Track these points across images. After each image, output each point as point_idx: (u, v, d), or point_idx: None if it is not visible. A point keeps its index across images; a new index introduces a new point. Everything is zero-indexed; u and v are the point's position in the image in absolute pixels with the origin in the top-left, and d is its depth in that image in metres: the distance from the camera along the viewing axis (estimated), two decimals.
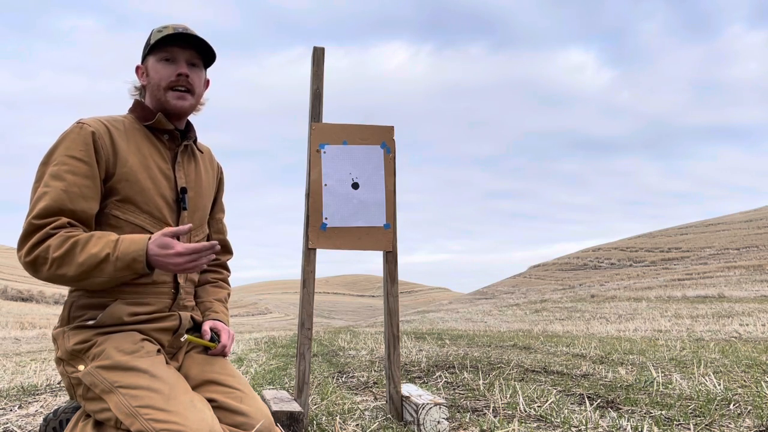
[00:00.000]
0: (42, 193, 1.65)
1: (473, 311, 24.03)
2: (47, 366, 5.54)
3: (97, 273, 1.60)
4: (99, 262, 1.59)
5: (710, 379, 3.21)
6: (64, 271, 1.59)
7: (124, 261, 1.60)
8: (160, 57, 1.83)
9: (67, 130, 1.74)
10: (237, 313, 65.40)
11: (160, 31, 1.83)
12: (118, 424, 1.55)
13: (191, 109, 1.89)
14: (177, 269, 1.62)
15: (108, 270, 1.60)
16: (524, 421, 2.44)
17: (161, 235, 1.62)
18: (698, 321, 10.44)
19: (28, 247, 1.61)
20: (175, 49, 1.82)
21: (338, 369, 4.56)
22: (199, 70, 1.88)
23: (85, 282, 1.63)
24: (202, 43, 1.83)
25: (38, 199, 1.65)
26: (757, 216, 57.54)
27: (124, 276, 1.63)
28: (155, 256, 1.61)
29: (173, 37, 1.80)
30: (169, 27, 1.83)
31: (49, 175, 1.67)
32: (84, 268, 1.59)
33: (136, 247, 1.61)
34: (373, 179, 2.54)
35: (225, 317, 2.04)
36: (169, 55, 1.82)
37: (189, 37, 1.81)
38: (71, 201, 1.65)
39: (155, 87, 1.84)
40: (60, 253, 1.58)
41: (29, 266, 1.62)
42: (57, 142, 1.72)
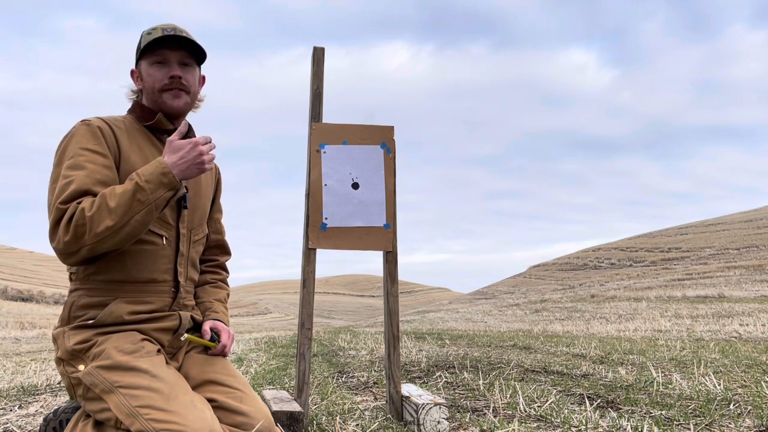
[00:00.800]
0: (65, 183, 1.63)
1: (473, 311, 24.04)
2: (47, 366, 5.54)
3: (136, 206, 1.57)
4: (132, 194, 1.57)
5: (710, 379, 3.21)
6: (105, 223, 1.55)
7: (154, 181, 1.59)
8: (151, 60, 1.83)
9: (73, 128, 1.75)
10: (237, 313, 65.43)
11: (149, 33, 1.83)
12: (118, 424, 1.55)
13: (188, 108, 1.90)
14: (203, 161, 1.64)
15: (143, 197, 1.57)
16: (524, 421, 2.44)
17: (170, 142, 1.65)
18: (698, 321, 10.44)
19: (64, 225, 1.57)
20: (166, 51, 1.82)
21: (338, 369, 4.56)
22: (192, 68, 1.88)
23: (128, 226, 1.58)
24: (191, 43, 1.83)
25: (63, 187, 1.63)
26: (757, 216, 57.55)
27: (163, 197, 1.60)
28: (177, 163, 1.61)
29: (162, 40, 1.80)
30: (157, 29, 1.82)
31: (68, 167, 1.66)
32: (122, 208, 1.56)
33: (154, 164, 1.62)
34: (373, 179, 2.54)
35: (225, 317, 2.04)
36: (161, 57, 1.82)
37: (178, 38, 1.81)
38: (94, 185, 1.64)
39: (150, 90, 1.84)
40: (94, 209, 1.56)
41: (71, 244, 1.57)
42: (66, 141, 1.72)
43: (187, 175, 1.64)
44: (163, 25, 1.84)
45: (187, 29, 1.89)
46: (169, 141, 1.65)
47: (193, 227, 1.92)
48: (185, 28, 1.88)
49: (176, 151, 1.63)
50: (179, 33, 1.82)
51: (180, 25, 1.87)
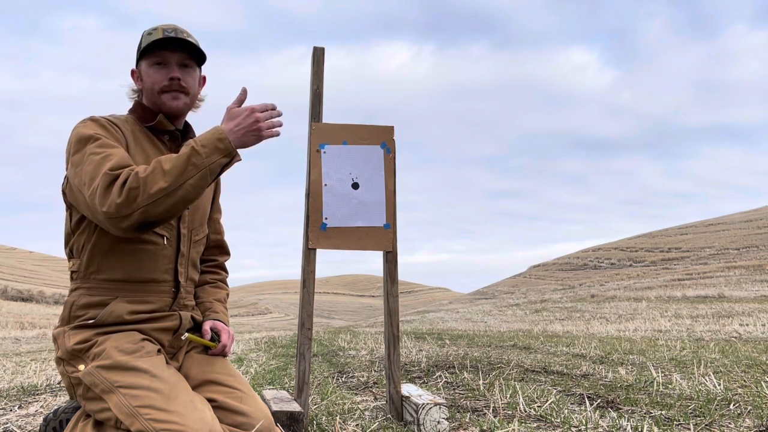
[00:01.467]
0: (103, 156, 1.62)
1: (473, 311, 24.03)
2: (47, 366, 5.54)
3: (190, 170, 1.56)
4: (188, 158, 1.57)
5: (710, 379, 3.21)
6: (158, 185, 1.53)
7: (210, 146, 1.59)
8: (151, 62, 1.83)
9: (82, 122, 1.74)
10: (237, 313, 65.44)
11: (150, 34, 1.82)
12: (118, 424, 1.55)
13: (187, 109, 1.90)
14: (260, 128, 1.63)
15: (198, 161, 1.57)
16: (524, 421, 2.44)
17: (228, 109, 1.65)
18: (698, 321, 10.44)
19: (117, 188, 1.55)
20: (166, 52, 1.82)
21: (338, 369, 4.56)
22: (192, 70, 1.88)
23: (181, 190, 1.56)
24: (191, 44, 1.83)
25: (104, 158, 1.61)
26: (757, 216, 57.55)
27: (217, 162, 1.59)
28: (234, 130, 1.61)
29: (162, 42, 1.80)
30: (158, 29, 1.82)
31: (98, 146, 1.64)
32: (176, 170, 1.55)
33: (212, 131, 1.62)
34: (373, 179, 2.54)
35: (225, 317, 2.04)
36: (160, 59, 1.82)
37: (178, 40, 1.81)
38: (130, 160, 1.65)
39: (149, 91, 1.84)
40: (148, 172, 1.56)
41: (123, 206, 1.54)
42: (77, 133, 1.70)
43: (243, 142, 1.63)
44: (163, 26, 1.84)
45: (188, 29, 1.89)
46: (228, 108, 1.66)
47: (193, 227, 1.92)
48: (186, 29, 1.88)
49: (233, 118, 1.63)
50: (179, 34, 1.82)
51: (181, 26, 1.87)
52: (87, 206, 1.63)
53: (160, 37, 1.79)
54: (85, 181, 1.61)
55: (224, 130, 1.62)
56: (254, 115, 1.63)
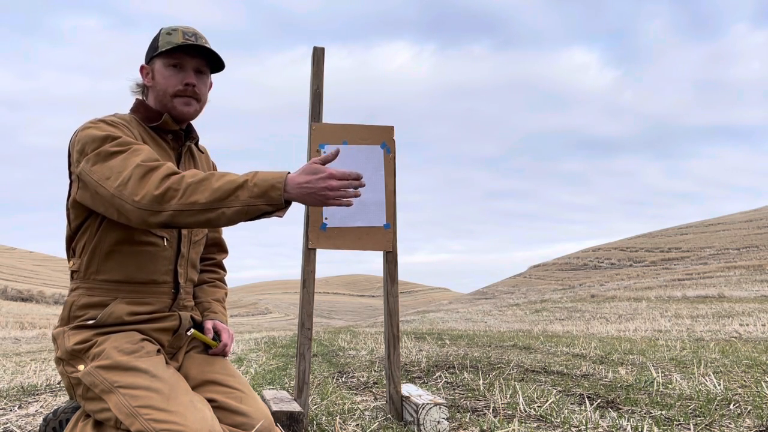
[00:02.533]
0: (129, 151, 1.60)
1: (473, 311, 24.03)
2: (47, 366, 5.54)
3: (231, 200, 1.50)
4: (235, 188, 1.50)
5: (710, 379, 3.20)
6: (196, 197, 1.50)
7: (262, 187, 1.50)
8: (167, 63, 1.81)
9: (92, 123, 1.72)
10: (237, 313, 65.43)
11: (169, 33, 1.81)
12: (118, 424, 1.55)
13: (196, 115, 1.89)
14: (328, 196, 1.52)
15: (243, 196, 1.49)
16: (524, 421, 2.44)
17: (309, 164, 1.54)
18: (698, 321, 10.44)
19: (158, 180, 1.52)
20: (185, 56, 1.81)
21: (338, 369, 4.56)
22: (205, 77, 1.87)
23: (213, 213, 1.51)
24: (212, 53, 1.82)
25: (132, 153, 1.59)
26: (757, 216, 57.54)
27: (258, 206, 1.50)
28: (302, 185, 1.50)
29: (184, 47, 1.79)
30: (178, 31, 1.81)
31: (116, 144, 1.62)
32: (219, 193, 1.49)
33: (275, 175, 1.52)
34: (373, 179, 2.54)
35: (224, 317, 2.04)
36: (177, 61, 1.81)
37: (199, 47, 1.80)
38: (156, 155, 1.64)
39: (161, 93, 1.82)
40: (195, 180, 1.51)
41: (155, 201, 1.51)
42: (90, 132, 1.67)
43: (304, 200, 1.53)
44: (183, 28, 1.82)
45: (199, 31, 1.88)
46: (311, 161, 1.56)
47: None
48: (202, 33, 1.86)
49: (307, 174, 1.52)
50: (199, 40, 1.81)
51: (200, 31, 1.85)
52: (110, 198, 1.57)
53: (180, 41, 1.78)
54: (111, 174, 1.57)
55: (288, 182, 1.51)
56: (329, 182, 1.51)
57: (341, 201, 1.55)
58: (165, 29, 1.84)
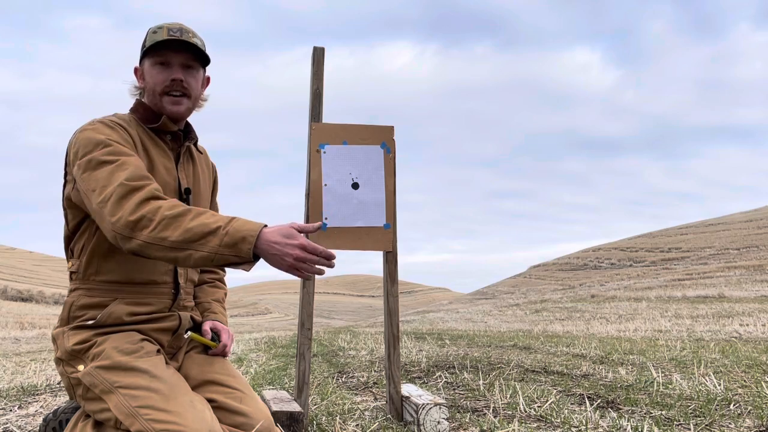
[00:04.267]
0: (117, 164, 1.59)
1: (473, 311, 24.03)
2: (47, 366, 5.54)
3: (200, 244, 1.48)
4: (208, 233, 1.48)
5: (710, 379, 3.20)
6: (167, 234, 1.48)
7: (234, 237, 1.47)
8: (154, 61, 1.81)
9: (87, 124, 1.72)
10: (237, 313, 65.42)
11: (155, 32, 1.81)
12: (118, 425, 1.55)
13: (188, 113, 1.88)
14: (290, 264, 1.49)
15: (212, 243, 1.47)
16: (524, 421, 2.44)
17: (287, 226, 1.51)
18: (698, 321, 10.44)
19: (135, 205, 1.52)
20: (170, 53, 1.80)
21: (338, 369, 4.56)
22: (195, 71, 1.86)
23: (181, 253, 1.50)
24: (195, 47, 1.81)
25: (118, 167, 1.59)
26: (757, 216, 57.53)
27: (226, 256, 1.48)
28: (271, 243, 1.47)
29: (166, 42, 1.78)
30: (163, 28, 1.80)
31: (107, 154, 1.62)
32: (189, 234, 1.48)
33: (249, 227, 1.49)
34: (373, 179, 2.54)
35: (223, 317, 2.04)
36: (163, 59, 1.80)
37: (181, 42, 1.79)
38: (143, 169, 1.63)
39: (151, 92, 1.83)
40: (172, 214, 1.50)
41: (128, 227, 1.51)
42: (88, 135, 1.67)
43: (268, 260, 1.50)
44: (169, 25, 1.82)
45: (192, 28, 1.88)
46: (290, 224, 1.52)
47: None
48: (192, 28, 1.86)
49: (281, 236, 1.48)
50: (184, 34, 1.80)
51: (187, 25, 1.85)
52: (92, 212, 1.61)
53: (164, 37, 1.78)
54: (96, 187, 1.57)
55: (260, 237, 1.48)
56: (296, 251, 1.48)
57: (303, 274, 1.51)
58: (152, 28, 1.83)
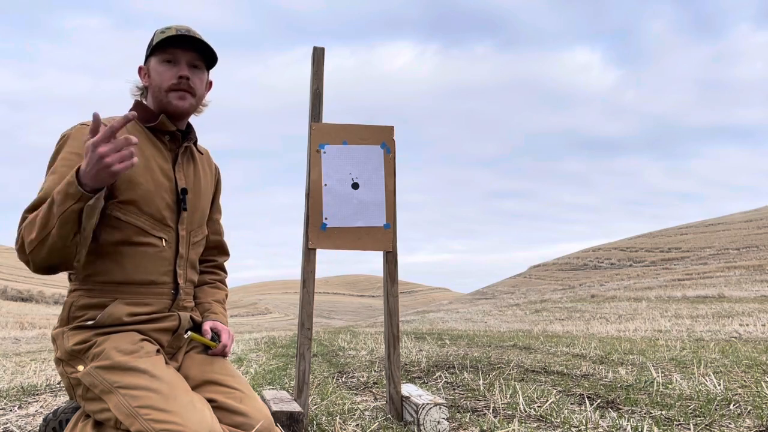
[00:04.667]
0: (40, 189, 1.67)
1: (473, 311, 24.03)
2: (47, 366, 5.54)
3: (51, 220, 1.50)
4: (48, 208, 1.51)
5: (710, 379, 3.20)
6: (30, 236, 1.54)
7: (62, 191, 1.49)
8: (161, 58, 1.83)
9: (70, 130, 1.75)
10: (237, 313, 65.40)
11: (163, 32, 1.82)
12: (118, 425, 1.55)
13: (192, 110, 1.89)
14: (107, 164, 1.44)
15: (54, 210, 1.49)
16: (524, 421, 2.44)
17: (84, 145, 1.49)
18: (698, 321, 10.44)
19: (17, 234, 1.61)
20: (177, 50, 1.82)
21: (338, 369, 4.56)
22: (200, 72, 1.87)
23: (48, 240, 1.51)
24: (204, 45, 1.83)
25: (37, 195, 1.65)
26: (757, 216, 57.52)
27: (69, 207, 1.48)
28: (86, 171, 1.46)
29: (175, 39, 1.80)
30: (171, 28, 1.83)
31: (51, 172, 1.69)
32: (41, 221, 1.52)
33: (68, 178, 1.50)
34: (373, 179, 2.54)
35: (224, 318, 2.04)
36: (171, 56, 1.82)
37: (191, 39, 1.81)
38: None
39: (156, 88, 1.84)
40: (26, 223, 1.58)
41: (19, 253, 1.60)
42: (60, 143, 1.74)
43: (98, 182, 1.48)
44: (177, 26, 1.84)
45: (193, 29, 1.89)
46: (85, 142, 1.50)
47: (192, 229, 1.92)
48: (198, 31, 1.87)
49: (85, 158, 1.46)
50: (192, 34, 1.82)
51: (194, 28, 1.87)
52: None
53: (173, 35, 1.80)
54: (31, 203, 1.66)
55: (79, 174, 1.48)
56: (97, 152, 1.44)
57: (125, 164, 1.46)
58: (159, 29, 1.86)
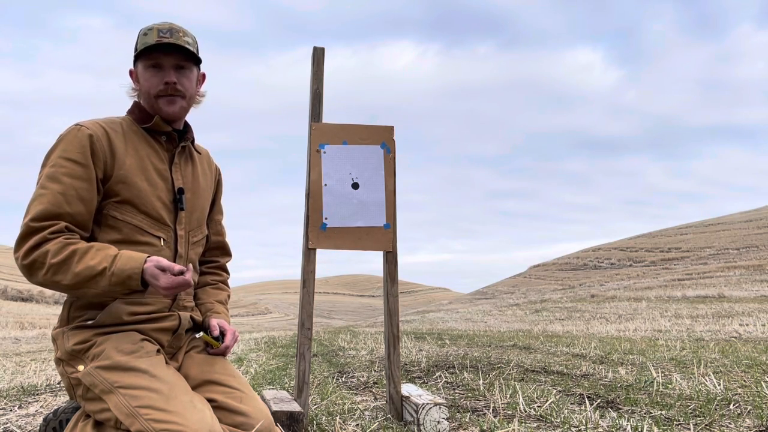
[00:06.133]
0: (39, 194, 1.66)
1: (473, 311, 24.02)
2: (47, 366, 5.54)
3: (92, 285, 1.61)
4: (95, 275, 1.59)
5: (710, 379, 3.20)
6: (59, 278, 1.60)
7: (120, 277, 1.60)
8: (147, 64, 1.81)
9: (64, 132, 1.74)
10: (237, 313, 65.39)
11: (145, 34, 1.80)
12: (118, 425, 1.55)
13: (184, 112, 1.88)
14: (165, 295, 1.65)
15: (102, 284, 1.61)
16: (524, 421, 2.44)
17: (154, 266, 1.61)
18: (698, 321, 10.44)
19: (26, 250, 1.61)
20: (161, 55, 1.79)
21: (338, 369, 4.56)
22: (188, 71, 1.85)
23: (78, 291, 1.64)
24: (185, 49, 1.80)
25: (35, 201, 1.65)
26: (757, 216, 57.51)
27: (118, 291, 1.63)
28: (148, 279, 1.61)
29: (156, 46, 1.77)
30: (153, 30, 1.79)
31: (46, 177, 1.67)
32: (80, 278, 1.59)
33: (133, 264, 1.61)
34: (373, 179, 2.54)
35: (226, 318, 2.04)
36: (155, 61, 1.80)
37: (171, 45, 1.77)
38: (68, 203, 1.65)
39: (146, 94, 1.83)
40: (58, 260, 1.59)
41: (26, 269, 1.63)
42: (54, 145, 1.73)
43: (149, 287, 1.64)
44: (159, 25, 1.80)
45: (194, 29, 1.86)
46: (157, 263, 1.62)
47: (191, 229, 1.91)
48: (184, 26, 1.84)
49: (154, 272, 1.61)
50: (174, 35, 1.79)
51: (177, 24, 1.84)
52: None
53: (154, 40, 1.77)
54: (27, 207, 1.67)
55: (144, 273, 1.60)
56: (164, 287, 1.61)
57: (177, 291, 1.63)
58: (142, 30, 1.83)
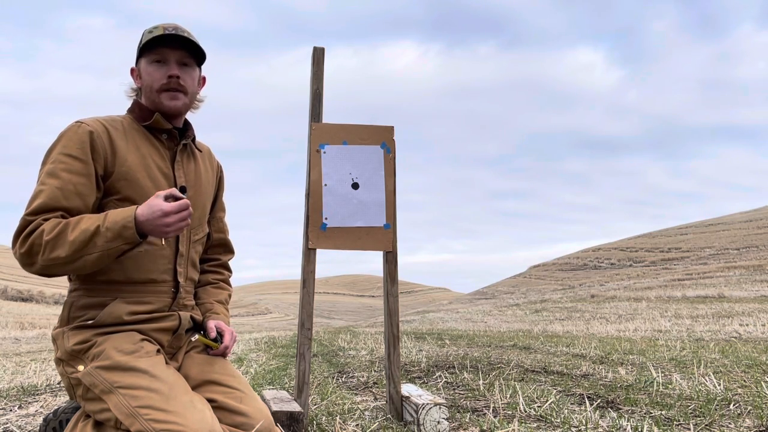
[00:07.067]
0: (38, 191, 1.66)
1: (473, 311, 24.03)
2: (47, 366, 5.54)
3: (90, 248, 1.58)
4: (90, 236, 1.57)
5: (710, 379, 3.20)
6: (57, 252, 1.57)
7: (114, 230, 1.57)
8: (151, 59, 1.82)
9: (65, 129, 1.75)
10: (237, 313, 65.39)
11: (150, 32, 1.82)
12: (118, 425, 1.55)
13: (185, 109, 1.89)
14: (165, 231, 1.60)
15: (99, 243, 1.57)
16: (524, 421, 2.44)
17: (154, 197, 1.60)
18: (698, 321, 10.44)
19: (23, 238, 1.61)
20: (166, 50, 1.81)
21: (338, 369, 4.56)
22: (191, 69, 1.87)
23: (78, 262, 1.59)
24: (191, 43, 1.82)
25: (34, 196, 1.66)
26: (757, 216, 57.51)
27: (117, 247, 1.59)
28: (146, 221, 1.58)
29: (163, 39, 1.79)
30: (159, 27, 1.82)
31: (45, 174, 1.68)
32: (76, 245, 1.57)
33: (125, 215, 1.60)
34: (373, 179, 2.54)
35: (226, 319, 2.04)
36: (160, 56, 1.81)
37: (179, 37, 1.80)
38: (66, 198, 1.65)
39: (148, 89, 1.84)
40: (52, 235, 1.58)
41: (25, 257, 1.61)
42: (55, 142, 1.73)
43: (150, 232, 1.60)
44: (164, 24, 1.83)
45: (195, 29, 1.89)
46: (156, 195, 1.61)
47: (192, 227, 1.92)
48: (189, 29, 1.87)
49: (150, 208, 1.58)
50: (180, 32, 1.81)
51: (183, 26, 1.86)
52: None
53: (160, 35, 1.79)
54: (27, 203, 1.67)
55: (137, 219, 1.58)
56: (164, 220, 1.58)
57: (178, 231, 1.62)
58: (147, 28, 1.85)
